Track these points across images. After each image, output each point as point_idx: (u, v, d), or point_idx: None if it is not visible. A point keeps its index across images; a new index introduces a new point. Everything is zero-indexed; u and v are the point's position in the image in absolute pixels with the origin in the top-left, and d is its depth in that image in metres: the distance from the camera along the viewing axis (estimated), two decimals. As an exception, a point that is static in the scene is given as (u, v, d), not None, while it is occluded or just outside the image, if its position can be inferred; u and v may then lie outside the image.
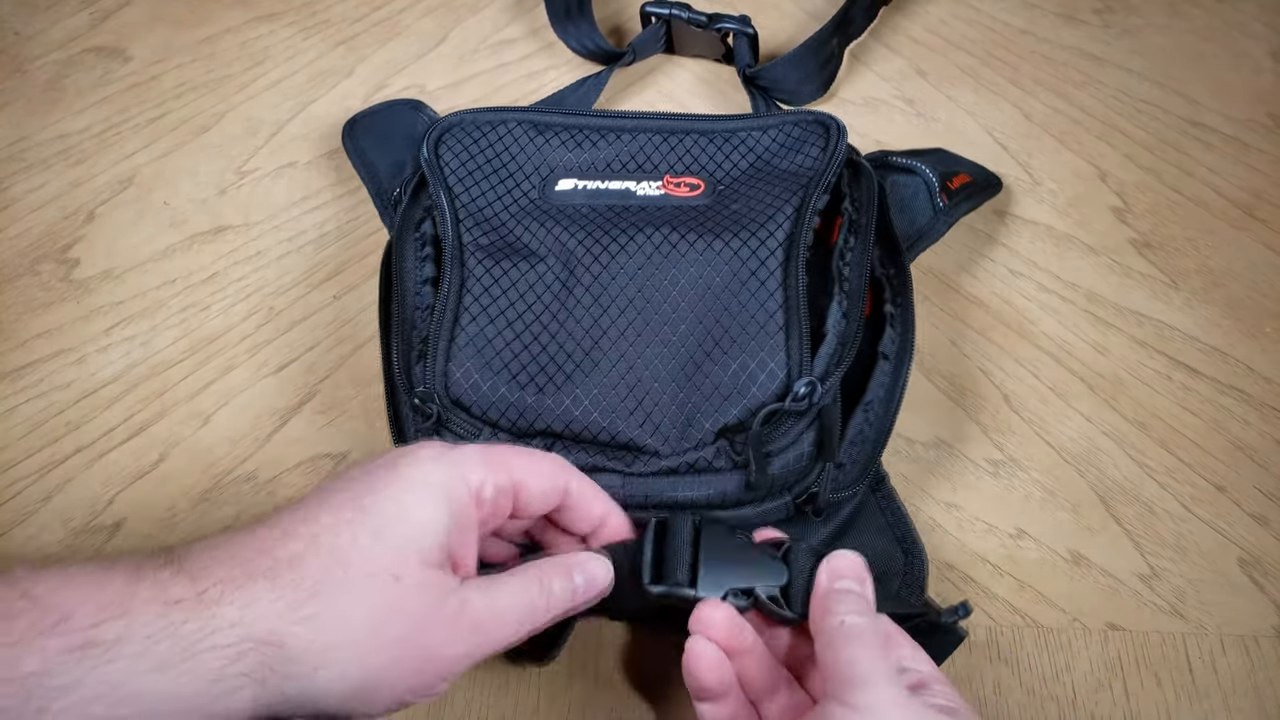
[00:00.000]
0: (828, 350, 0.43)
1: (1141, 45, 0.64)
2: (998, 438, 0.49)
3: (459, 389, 0.43)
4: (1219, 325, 0.52)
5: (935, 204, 0.51)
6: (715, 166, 0.50)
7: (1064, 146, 0.59)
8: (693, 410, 0.42)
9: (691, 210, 0.48)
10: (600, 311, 0.44)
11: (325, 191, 0.58)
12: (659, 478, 0.41)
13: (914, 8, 0.66)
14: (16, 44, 0.65)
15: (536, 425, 0.42)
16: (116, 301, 0.54)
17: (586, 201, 0.49)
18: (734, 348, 0.43)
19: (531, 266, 0.46)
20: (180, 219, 0.57)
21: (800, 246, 0.45)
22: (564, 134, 0.51)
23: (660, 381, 0.43)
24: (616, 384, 0.43)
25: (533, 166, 0.51)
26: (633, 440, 0.42)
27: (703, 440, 0.41)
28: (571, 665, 0.43)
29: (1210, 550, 0.45)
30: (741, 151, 0.50)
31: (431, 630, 0.31)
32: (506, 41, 0.65)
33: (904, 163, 0.53)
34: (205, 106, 0.62)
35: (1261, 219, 0.56)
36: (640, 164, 0.50)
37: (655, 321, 0.44)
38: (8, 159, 0.59)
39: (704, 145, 0.51)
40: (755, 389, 0.42)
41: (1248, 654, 0.42)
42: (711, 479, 0.41)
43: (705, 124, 0.52)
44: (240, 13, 0.67)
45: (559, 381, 0.43)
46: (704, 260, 0.45)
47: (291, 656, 0.29)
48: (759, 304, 0.43)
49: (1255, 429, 0.49)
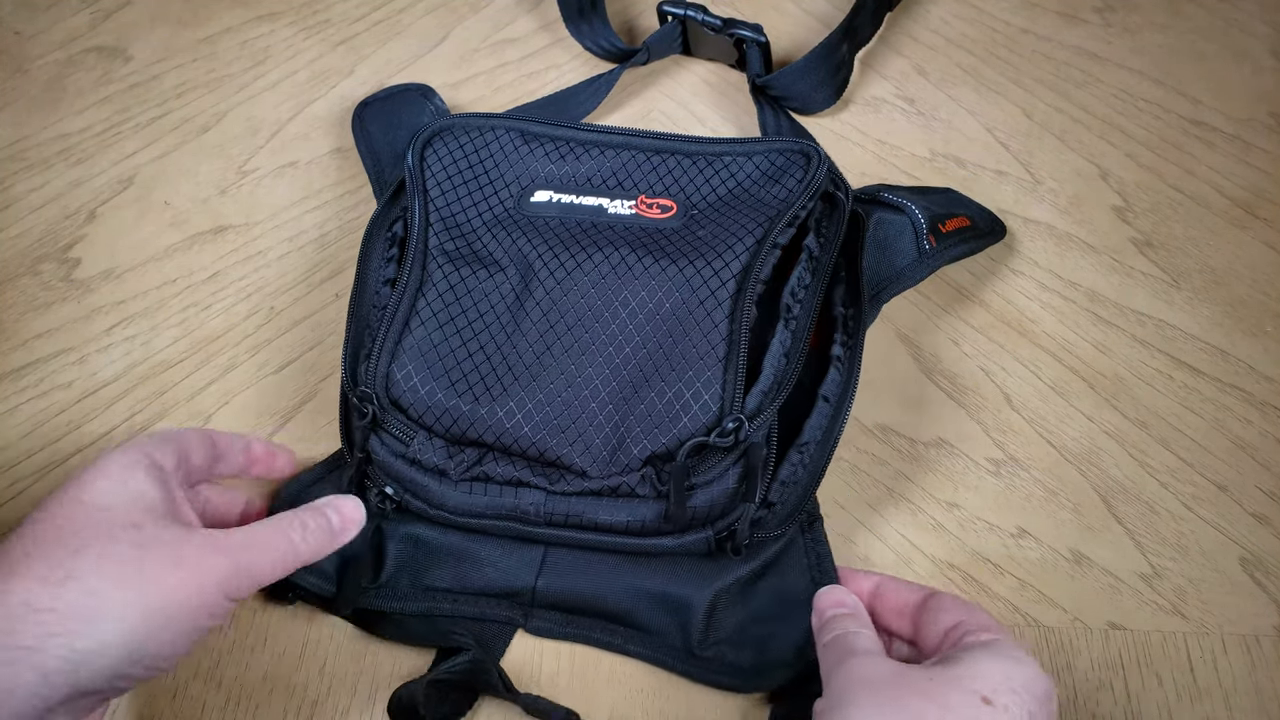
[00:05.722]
0: (761, 388, 0.41)
1: (1142, 44, 0.64)
2: (999, 437, 0.49)
3: (398, 390, 0.43)
4: (1220, 324, 0.52)
5: (920, 246, 0.50)
6: (693, 190, 0.49)
7: (1065, 145, 0.59)
8: (625, 433, 0.41)
9: (658, 232, 0.47)
10: (548, 326, 0.44)
11: (326, 191, 0.58)
12: (582, 498, 0.41)
13: (915, 7, 0.66)
14: (17, 44, 0.65)
15: (469, 434, 0.42)
16: (117, 301, 0.54)
17: (558, 215, 0.48)
18: (673, 375, 0.42)
19: (490, 275, 0.46)
20: (181, 219, 0.57)
21: (753, 279, 0.43)
22: (550, 145, 0.51)
23: (598, 401, 0.42)
24: (554, 399, 0.42)
25: (514, 175, 0.50)
26: (561, 458, 0.41)
27: (629, 465, 0.41)
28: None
29: (1211, 549, 0.45)
30: (722, 176, 0.49)
31: (186, 555, 0.33)
32: (508, 40, 0.65)
33: (893, 199, 0.51)
34: (206, 106, 0.62)
35: (1263, 218, 0.56)
36: (620, 181, 0.49)
37: (601, 340, 0.43)
38: (8, 159, 0.59)
39: (686, 167, 0.49)
40: (687, 419, 0.41)
41: (1249, 653, 0.42)
42: (632, 505, 0.41)
43: (692, 146, 0.50)
44: (241, 12, 0.67)
45: (496, 393, 0.43)
46: (657, 284, 0.44)
47: (59, 613, 0.30)
48: (703, 333, 0.42)
49: (1256, 428, 0.49)
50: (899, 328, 0.52)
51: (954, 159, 0.59)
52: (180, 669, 0.42)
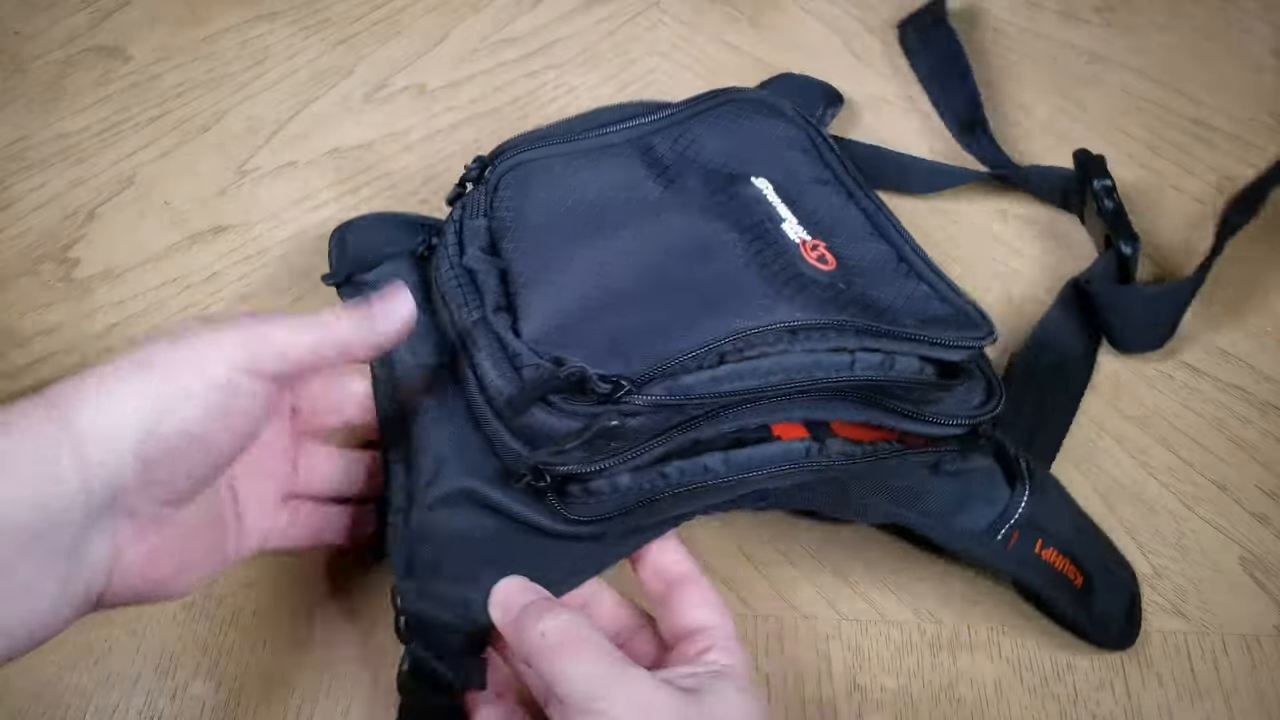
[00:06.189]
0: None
1: (1143, 44, 0.64)
2: (999, 437, 0.49)
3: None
4: (1221, 324, 0.52)
5: (993, 534, 0.40)
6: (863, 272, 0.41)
7: (1066, 145, 0.59)
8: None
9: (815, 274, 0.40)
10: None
11: (325, 191, 0.58)
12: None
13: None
14: (16, 43, 0.65)
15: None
16: (117, 301, 0.54)
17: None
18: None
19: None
20: (180, 218, 0.57)
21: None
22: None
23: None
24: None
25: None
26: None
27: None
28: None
29: (1212, 549, 0.45)
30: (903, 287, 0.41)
31: (189, 337, 0.33)
32: (508, 40, 0.65)
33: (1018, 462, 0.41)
34: (205, 106, 0.62)
35: (1263, 217, 0.56)
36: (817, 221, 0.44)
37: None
38: (8, 158, 0.59)
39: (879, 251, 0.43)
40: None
41: (1249, 653, 0.42)
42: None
43: (905, 249, 0.43)
44: (240, 12, 0.67)
45: None
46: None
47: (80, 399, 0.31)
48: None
49: (1256, 427, 0.49)
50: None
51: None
52: (180, 669, 0.42)
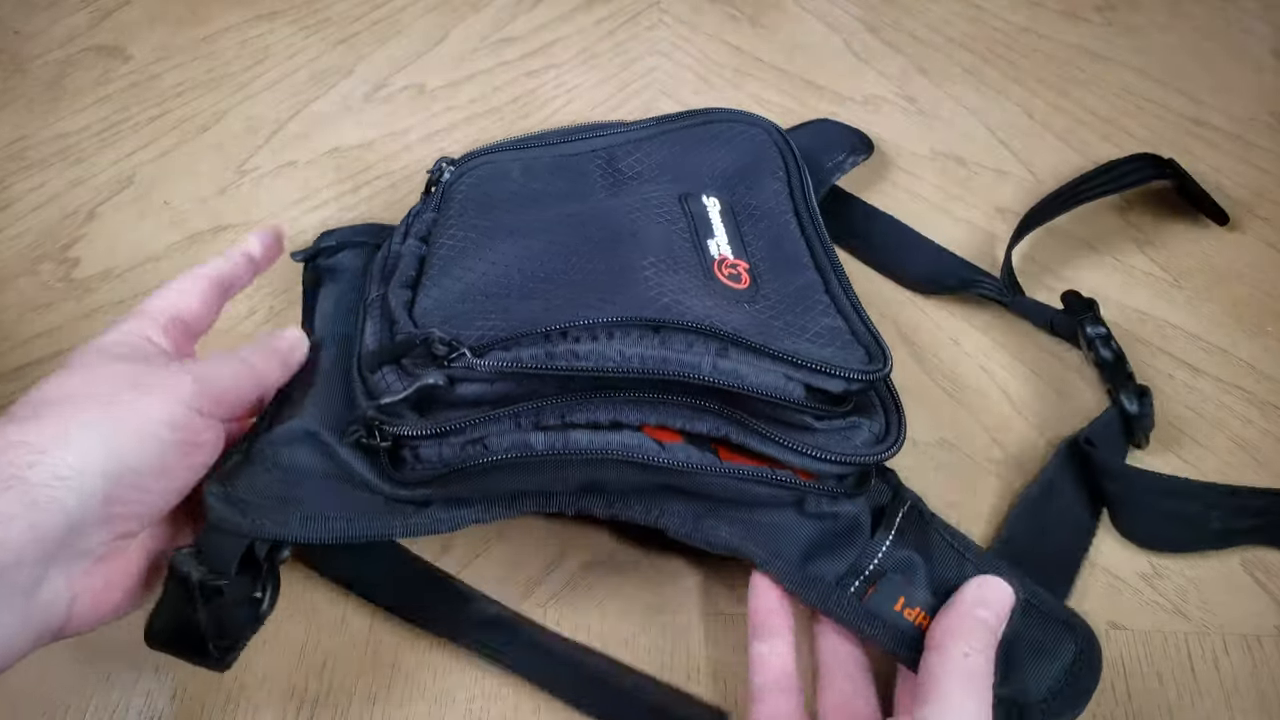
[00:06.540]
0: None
1: (1143, 43, 0.64)
2: (999, 436, 0.49)
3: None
4: (1221, 324, 0.52)
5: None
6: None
7: (1066, 145, 0.59)
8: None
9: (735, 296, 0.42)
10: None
11: (325, 190, 0.58)
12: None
13: (916, 6, 0.66)
14: (16, 43, 0.65)
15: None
16: (117, 301, 0.54)
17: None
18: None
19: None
20: (180, 218, 0.57)
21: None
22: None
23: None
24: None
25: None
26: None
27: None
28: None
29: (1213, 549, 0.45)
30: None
31: (148, 379, 0.34)
32: (507, 40, 0.65)
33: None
34: (205, 105, 0.62)
35: (1263, 217, 0.56)
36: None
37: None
38: (8, 158, 0.59)
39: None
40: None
41: (1250, 654, 0.42)
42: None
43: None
44: (240, 11, 0.67)
45: None
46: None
47: (28, 441, 0.31)
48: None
49: (1257, 427, 0.49)
50: (899, 328, 0.52)
51: (954, 158, 0.59)
52: (179, 669, 0.42)
